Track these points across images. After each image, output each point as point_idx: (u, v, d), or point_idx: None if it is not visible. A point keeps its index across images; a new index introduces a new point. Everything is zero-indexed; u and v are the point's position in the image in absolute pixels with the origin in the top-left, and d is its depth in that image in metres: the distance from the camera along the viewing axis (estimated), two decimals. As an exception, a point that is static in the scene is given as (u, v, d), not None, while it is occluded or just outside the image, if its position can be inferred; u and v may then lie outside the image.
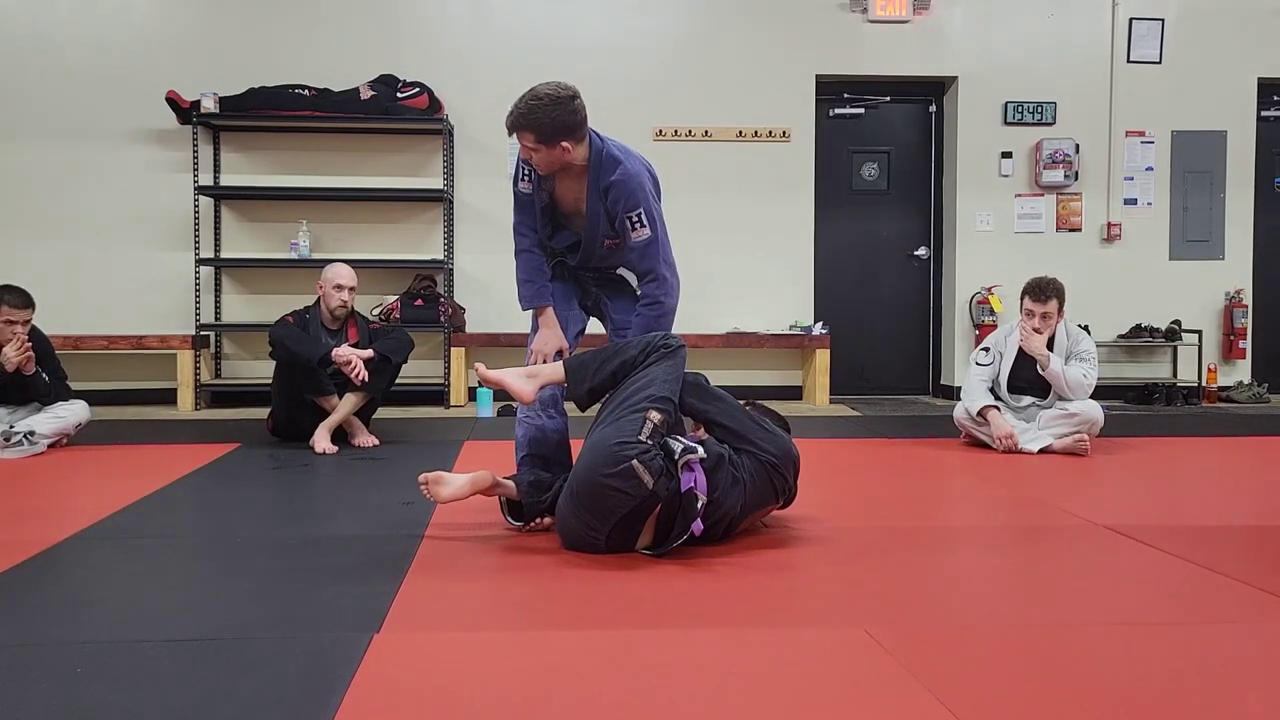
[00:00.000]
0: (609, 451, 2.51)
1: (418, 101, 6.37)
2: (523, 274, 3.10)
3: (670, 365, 2.71)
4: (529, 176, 3.03)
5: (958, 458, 4.43)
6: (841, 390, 6.96)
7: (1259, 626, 2.11)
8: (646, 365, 2.70)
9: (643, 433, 2.53)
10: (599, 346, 2.85)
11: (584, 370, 2.77)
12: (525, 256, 3.10)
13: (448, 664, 1.88)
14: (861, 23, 6.83)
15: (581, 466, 2.61)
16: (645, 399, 2.60)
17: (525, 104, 2.90)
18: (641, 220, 2.95)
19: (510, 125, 2.91)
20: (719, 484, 2.61)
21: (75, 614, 2.20)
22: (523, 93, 2.94)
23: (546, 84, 2.95)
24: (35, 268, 6.12)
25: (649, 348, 2.74)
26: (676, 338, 2.80)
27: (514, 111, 2.90)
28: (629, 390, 2.65)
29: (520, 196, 3.08)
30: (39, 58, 6.44)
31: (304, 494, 3.68)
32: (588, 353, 2.82)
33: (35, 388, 4.46)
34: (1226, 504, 3.58)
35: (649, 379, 2.66)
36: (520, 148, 2.95)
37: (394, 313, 6.31)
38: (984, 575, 2.58)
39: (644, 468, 2.48)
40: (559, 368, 2.83)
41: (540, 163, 2.94)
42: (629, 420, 2.57)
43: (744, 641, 2.00)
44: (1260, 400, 6.90)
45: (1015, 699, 1.71)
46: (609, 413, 2.66)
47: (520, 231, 3.09)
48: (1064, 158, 6.88)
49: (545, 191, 3.04)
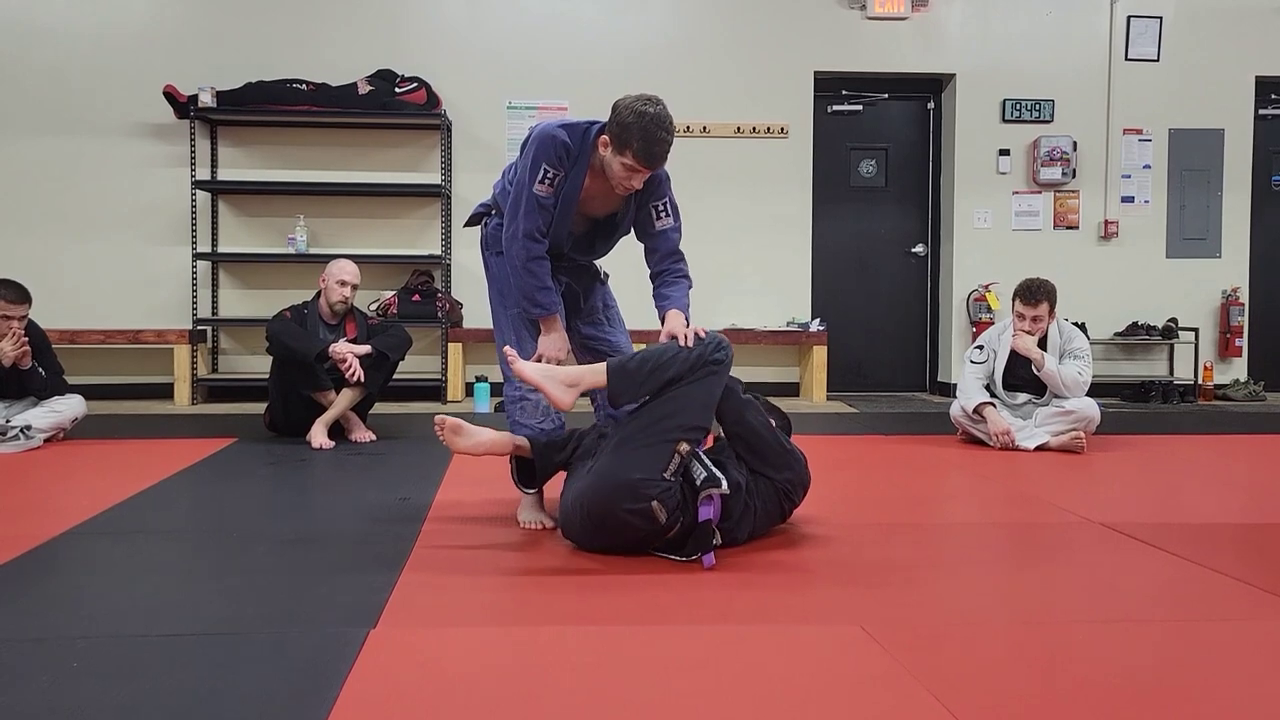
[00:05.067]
0: (631, 485, 2.47)
1: (415, 96, 6.36)
2: (542, 280, 2.93)
3: (712, 385, 2.60)
4: (551, 181, 2.86)
5: (954, 455, 4.43)
6: (839, 387, 6.97)
7: (1254, 624, 2.12)
8: (690, 382, 2.57)
9: (669, 469, 2.48)
10: (643, 352, 2.68)
11: (628, 381, 2.60)
12: (540, 263, 2.92)
13: (444, 659, 1.88)
14: (860, 19, 6.83)
15: (600, 492, 2.52)
16: (678, 426, 2.52)
17: (671, 134, 2.75)
18: (665, 209, 2.98)
19: (663, 159, 2.77)
20: (733, 513, 2.61)
21: (71, 609, 2.20)
22: (649, 115, 2.72)
23: (655, 104, 2.77)
24: (32, 262, 6.12)
25: (698, 362, 2.59)
26: (726, 348, 2.66)
27: (669, 143, 2.74)
28: (665, 410, 2.55)
29: (541, 200, 2.86)
30: (36, 51, 6.42)
31: (300, 489, 3.68)
32: (631, 359, 2.65)
33: (31, 382, 4.45)
34: (1222, 502, 3.59)
35: (687, 401, 2.56)
36: (625, 171, 2.77)
37: (391, 308, 6.31)
38: (980, 572, 2.59)
39: (661, 506, 2.47)
40: (600, 375, 2.63)
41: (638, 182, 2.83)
42: (657, 451, 2.49)
43: (740, 638, 2.00)
44: (1256, 398, 6.91)
45: (1011, 695, 1.72)
46: (639, 429, 2.55)
47: (534, 238, 2.89)
48: (1061, 155, 6.89)
49: (562, 194, 2.90)
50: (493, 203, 3.11)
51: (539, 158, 2.83)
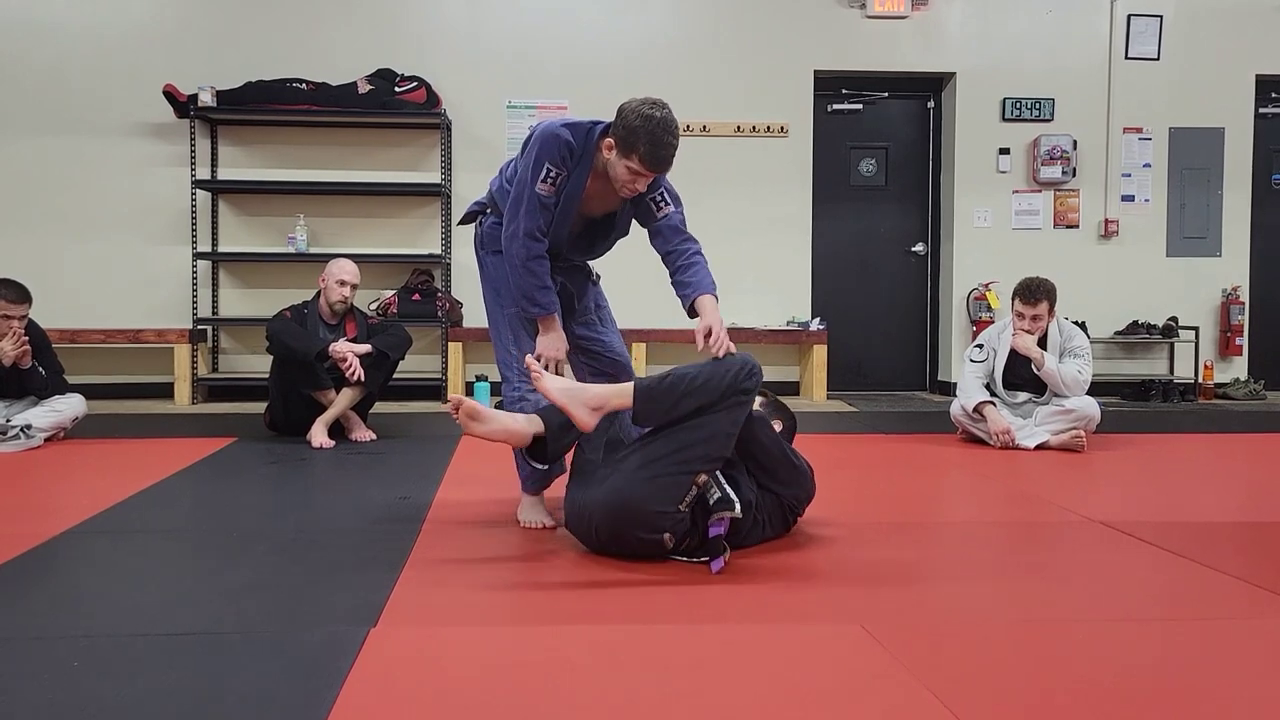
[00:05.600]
0: (647, 517, 2.47)
1: (415, 96, 6.36)
2: (543, 279, 2.89)
3: (738, 414, 2.54)
4: (553, 180, 2.83)
5: (954, 454, 4.43)
6: (839, 386, 6.97)
7: (1254, 622, 2.12)
8: (717, 410, 2.51)
9: (685, 501, 2.47)
10: (672, 374, 2.56)
11: (654, 406, 2.52)
12: (540, 262, 2.89)
13: (444, 659, 1.88)
14: (860, 18, 6.83)
15: (613, 513, 2.50)
16: (700, 458, 2.48)
17: (677, 139, 2.75)
18: (664, 198, 2.96)
19: (669, 164, 2.77)
20: (741, 529, 2.61)
21: (71, 608, 2.20)
22: (656, 119, 2.72)
23: (661, 108, 2.76)
24: (32, 261, 6.12)
25: (728, 390, 2.52)
26: (757, 375, 2.59)
27: (675, 147, 2.75)
28: (689, 439, 2.49)
29: (542, 200, 2.83)
30: (36, 50, 6.42)
31: (301, 488, 3.68)
32: (660, 382, 2.54)
33: (32, 382, 4.45)
34: (1222, 500, 3.58)
35: (713, 431, 2.50)
36: (629, 174, 2.77)
37: (391, 307, 6.31)
38: (980, 571, 2.58)
39: (672, 536, 2.49)
40: (626, 397, 2.53)
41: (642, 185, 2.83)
42: (677, 482, 2.46)
43: (740, 638, 2.00)
44: (1256, 397, 6.91)
45: (1011, 694, 1.72)
46: (661, 455, 2.50)
47: (535, 237, 2.85)
48: (1062, 154, 6.89)
49: (564, 193, 2.88)
50: (488, 200, 3.08)
51: (542, 156, 2.80)
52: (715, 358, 2.66)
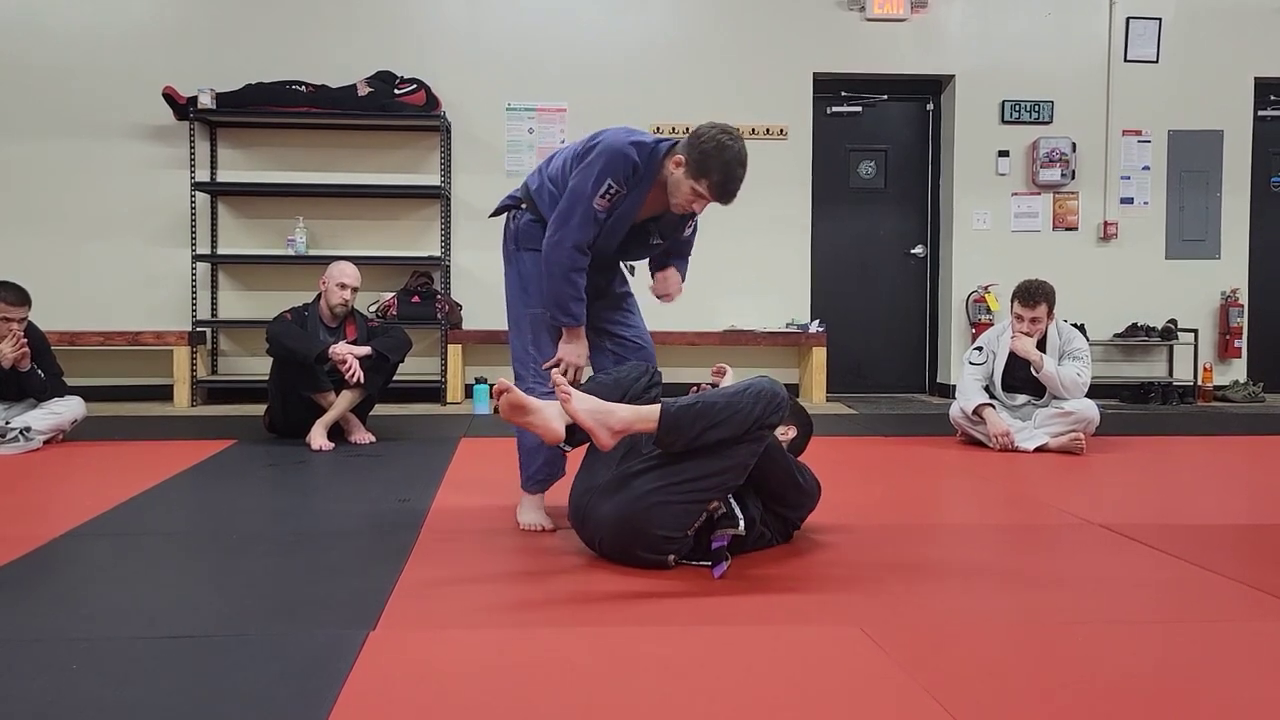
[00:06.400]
0: (654, 540, 2.47)
1: (415, 98, 6.36)
2: (579, 291, 2.86)
3: (758, 447, 2.51)
4: (611, 197, 2.78)
5: (954, 456, 4.43)
6: (838, 388, 6.97)
7: (1253, 625, 2.12)
8: (740, 442, 2.47)
9: (693, 526, 2.48)
10: (700, 400, 2.48)
11: (678, 434, 2.44)
12: (581, 274, 2.85)
13: (444, 660, 1.88)
14: (859, 21, 6.83)
15: (619, 529, 2.50)
16: (715, 487, 2.47)
17: (745, 172, 2.74)
18: (693, 221, 3.06)
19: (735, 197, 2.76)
20: (745, 544, 2.61)
21: (71, 610, 2.19)
22: (732, 150, 2.69)
23: (736, 139, 2.72)
24: (31, 264, 6.12)
25: (754, 425, 2.46)
26: (783, 409, 2.52)
27: (742, 181, 2.74)
28: (710, 469, 2.46)
29: (596, 214, 2.79)
30: (36, 52, 6.43)
31: (300, 490, 3.68)
32: (688, 409, 2.45)
33: (31, 384, 4.45)
34: (1221, 503, 3.59)
35: (733, 463, 2.47)
36: (693, 195, 2.75)
37: (391, 309, 6.31)
38: (979, 573, 2.59)
39: (676, 557, 2.50)
40: (651, 422, 2.44)
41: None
42: (687, 510, 2.46)
43: (740, 638, 2.00)
44: (1255, 399, 6.91)
45: (1010, 696, 1.72)
46: (680, 480, 2.46)
47: (582, 250, 2.81)
48: (1061, 157, 6.89)
49: (618, 211, 2.85)
50: (523, 195, 3.02)
51: (605, 172, 2.75)
52: (741, 382, 2.58)
